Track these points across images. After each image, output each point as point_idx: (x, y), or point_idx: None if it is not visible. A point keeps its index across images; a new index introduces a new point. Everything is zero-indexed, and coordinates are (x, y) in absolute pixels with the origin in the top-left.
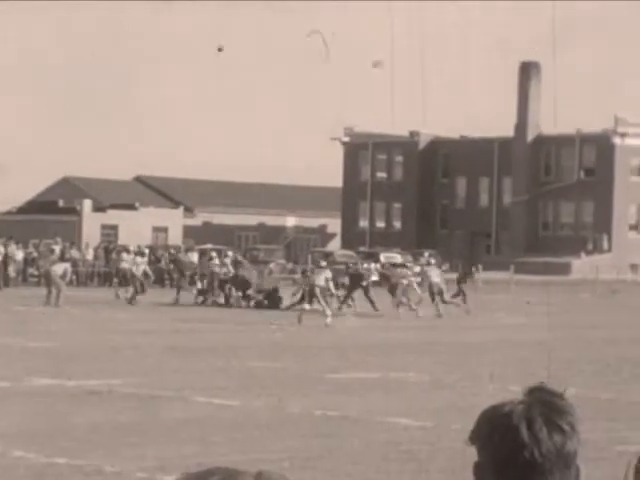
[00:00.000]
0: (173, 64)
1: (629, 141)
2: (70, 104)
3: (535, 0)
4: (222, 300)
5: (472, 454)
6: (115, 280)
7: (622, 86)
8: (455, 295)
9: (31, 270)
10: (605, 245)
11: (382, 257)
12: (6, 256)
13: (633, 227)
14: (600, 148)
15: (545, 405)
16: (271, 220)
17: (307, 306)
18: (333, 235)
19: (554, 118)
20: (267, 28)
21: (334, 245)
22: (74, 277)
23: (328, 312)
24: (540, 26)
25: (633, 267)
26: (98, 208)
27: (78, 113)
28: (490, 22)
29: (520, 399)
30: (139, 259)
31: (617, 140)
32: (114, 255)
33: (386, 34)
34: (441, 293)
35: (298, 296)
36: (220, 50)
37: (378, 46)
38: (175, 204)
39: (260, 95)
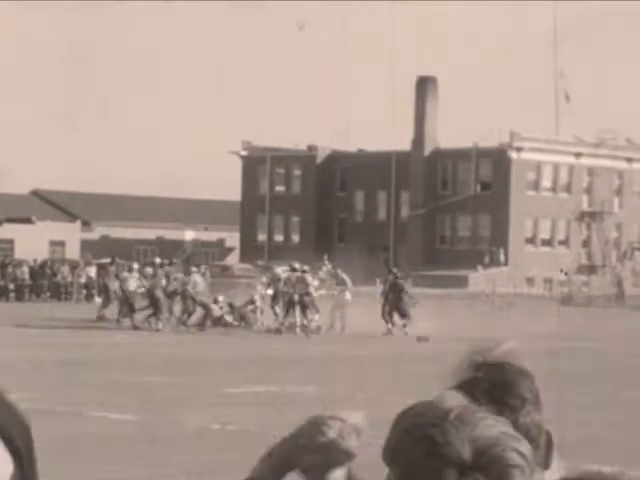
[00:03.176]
0: (68, 74)
1: (525, 155)
2: None
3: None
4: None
5: (376, 470)
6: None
7: (518, 101)
8: None
9: None
10: (502, 258)
11: (280, 270)
12: None
13: (529, 241)
14: (496, 162)
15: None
16: (169, 234)
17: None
18: (232, 249)
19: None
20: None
21: (233, 259)
22: None
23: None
24: (438, 41)
25: (529, 280)
26: None
27: None
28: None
29: (441, 411)
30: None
31: (513, 154)
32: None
33: (295, 47)
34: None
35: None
36: None
37: (281, 58)
38: (72, 218)
39: (158, 108)
